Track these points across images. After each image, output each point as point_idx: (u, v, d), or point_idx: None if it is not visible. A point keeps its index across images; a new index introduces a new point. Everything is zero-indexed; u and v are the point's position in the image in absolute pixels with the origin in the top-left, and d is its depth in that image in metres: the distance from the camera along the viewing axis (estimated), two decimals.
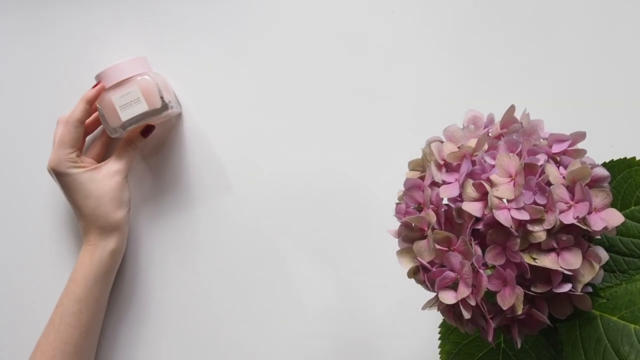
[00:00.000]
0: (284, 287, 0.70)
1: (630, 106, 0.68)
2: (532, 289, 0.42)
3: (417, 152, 0.49)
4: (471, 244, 0.42)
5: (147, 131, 0.68)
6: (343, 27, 0.70)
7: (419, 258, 0.44)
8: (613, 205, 0.43)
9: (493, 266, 0.42)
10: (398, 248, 0.47)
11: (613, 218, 0.41)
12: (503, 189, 0.42)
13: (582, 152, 0.45)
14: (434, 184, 0.45)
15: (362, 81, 0.70)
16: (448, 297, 0.43)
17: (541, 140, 0.45)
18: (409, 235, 0.46)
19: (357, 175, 0.70)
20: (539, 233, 0.41)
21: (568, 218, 0.41)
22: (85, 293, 0.64)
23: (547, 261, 0.41)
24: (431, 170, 0.46)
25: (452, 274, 0.43)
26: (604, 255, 0.43)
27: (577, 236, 0.42)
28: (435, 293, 0.44)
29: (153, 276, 0.71)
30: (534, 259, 0.41)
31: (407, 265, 0.46)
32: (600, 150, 0.48)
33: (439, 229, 0.44)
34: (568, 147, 0.44)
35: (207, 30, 0.71)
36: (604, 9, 0.68)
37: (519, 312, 0.41)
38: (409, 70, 0.70)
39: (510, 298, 0.41)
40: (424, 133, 0.49)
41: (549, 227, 0.41)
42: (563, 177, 0.42)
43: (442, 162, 0.45)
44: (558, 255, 0.41)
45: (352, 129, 0.70)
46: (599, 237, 0.48)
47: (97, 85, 0.65)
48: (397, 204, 0.47)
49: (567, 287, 0.41)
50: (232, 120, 0.71)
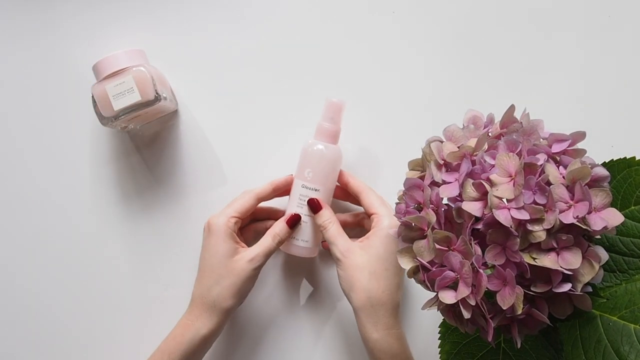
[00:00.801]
0: (281, 284, 0.70)
1: (630, 106, 0.68)
2: (532, 289, 0.42)
3: (417, 152, 0.49)
4: (471, 244, 0.42)
5: (294, 223, 0.64)
6: (343, 27, 0.70)
7: (419, 258, 0.44)
8: (613, 205, 0.43)
9: (493, 266, 0.42)
10: (398, 248, 0.47)
11: (613, 218, 0.41)
12: (503, 189, 0.42)
13: (582, 152, 0.45)
14: (434, 184, 0.45)
15: (362, 81, 0.70)
16: (448, 297, 0.43)
17: (541, 140, 0.45)
18: (409, 235, 0.46)
19: (357, 174, 0.70)
20: (539, 233, 0.41)
21: (568, 218, 0.41)
22: None
23: (547, 261, 0.41)
24: (431, 170, 0.46)
25: (452, 274, 0.43)
26: (604, 255, 0.42)
27: (577, 236, 0.42)
28: (435, 293, 0.44)
29: (146, 268, 0.71)
30: (534, 259, 0.41)
31: (407, 265, 0.46)
32: (600, 150, 0.48)
33: (439, 229, 0.44)
34: (568, 147, 0.44)
35: (207, 29, 0.71)
36: (604, 9, 0.68)
37: (519, 312, 0.41)
38: (409, 70, 0.70)
39: (510, 298, 0.41)
40: (424, 133, 0.49)
41: (549, 227, 0.41)
42: (563, 177, 0.42)
43: (442, 162, 0.45)
44: (558, 254, 0.41)
45: (352, 129, 0.70)
46: (599, 237, 0.48)
47: (288, 177, 0.66)
48: (397, 204, 0.47)
49: (567, 287, 0.41)
50: (228, 115, 0.70)
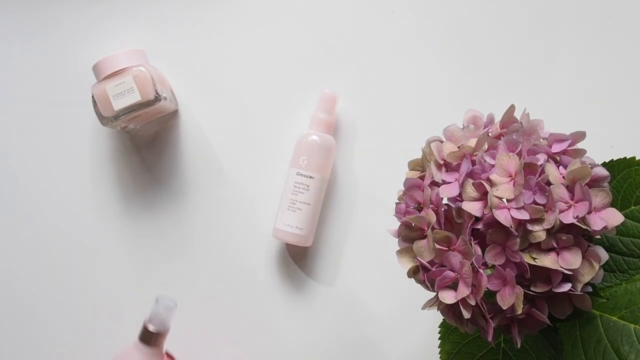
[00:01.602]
0: (281, 284, 0.70)
1: (630, 106, 0.68)
2: (532, 289, 0.42)
3: (417, 152, 0.49)
4: (471, 244, 0.42)
5: None
6: (343, 27, 0.70)
7: (419, 258, 0.44)
8: (613, 204, 0.43)
9: (493, 266, 0.42)
10: (398, 248, 0.47)
11: (613, 218, 0.41)
12: (503, 189, 0.42)
13: (582, 152, 0.45)
14: (434, 184, 0.45)
15: (362, 81, 0.70)
16: (448, 297, 0.43)
17: (541, 140, 0.45)
18: (409, 235, 0.46)
19: (357, 174, 0.70)
20: (539, 233, 0.41)
21: (568, 218, 0.41)
22: None
23: (547, 261, 0.41)
24: (431, 169, 0.45)
25: (452, 274, 0.43)
26: (604, 255, 0.42)
27: (577, 236, 0.42)
28: (435, 293, 0.44)
29: (146, 267, 0.71)
30: (534, 259, 0.41)
31: (407, 265, 0.46)
32: (600, 150, 0.48)
33: (439, 229, 0.44)
34: (568, 147, 0.44)
35: (207, 29, 0.71)
36: (604, 9, 0.68)
37: (519, 312, 0.41)
38: (409, 70, 0.70)
39: (510, 298, 0.41)
40: (424, 133, 0.49)
41: (549, 227, 0.41)
42: (563, 177, 0.42)
43: (442, 162, 0.45)
44: (558, 254, 0.41)
45: (352, 128, 0.70)
46: (599, 237, 0.48)
47: None
48: (397, 204, 0.47)
49: (567, 287, 0.41)
50: (228, 115, 0.71)
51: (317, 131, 0.67)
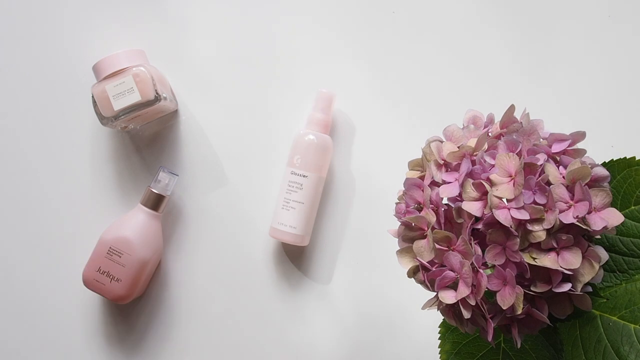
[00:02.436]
0: (277, 284, 0.70)
1: (630, 106, 0.68)
2: (532, 289, 0.42)
3: (417, 152, 0.49)
4: (471, 244, 0.42)
5: None
6: (343, 27, 0.70)
7: (419, 258, 0.44)
8: (613, 204, 0.43)
9: (493, 266, 0.42)
10: (398, 248, 0.47)
11: (613, 217, 0.41)
12: (503, 189, 0.42)
13: (582, 152, 0.45)
14: (434, 184, 0.45)
15: (362, 81, 0.70)
16: (448, 297, 0.43)
17: (541, 140, 0.45)
18: (409, 235, 0.46)
19: (354, 173, 0.70)
20: (539, 232, 0.41)
21: (568, 217, 0.41)
22: None
23: (547, 261, 0.41)
24: (431, 169, 0.45)
25: (452, 274, 0.43)
26: (604, 254, 0.42)
27: (577, 236, 0.42)
28: (435, 293, 0.44)
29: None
30: (534, 259, 0.41)
31: (407, 265, 0.46)
32: (600, 150, 0.48)
33: (439, 229, 0.44)
34: (568, 147, 0.44)
35: (207, 29, 0.71)
36: (604, 9, 0.68)
37: (519, 312, 0.41)
38: (408, 69, 0.70)
39: (510, 298, 0.41)
40: (424, 132, 0.49)
41: (549, 227, 0.41)
42: (563, 177, 0.42)
43: (442, 162, 0.45)
44: (558, 254, 0.41)
45: (352, 128, 0.70)
46: (599, 237, 0.48)
47: None
48: (397, 204, 0.47)
49: (567, 287, 0.41)
50: (228, 115, 0.71)
51: (314, 131, 0.67)
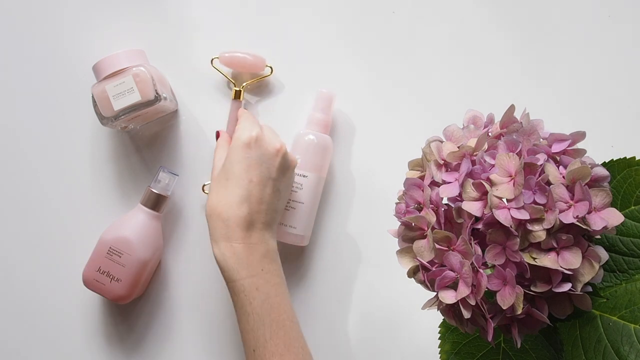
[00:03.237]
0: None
1: (630, 106, 0.68)
2: (532, 289, 0.42)
3: (417, 152, 0.49)
4: (471, 244, 0.42)
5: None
6: (343, 27, 0.70)
7: (419, 258, 0.44)
8: (613, 204, 0.43)
9: (493, 266, 0.42)
10: (398, 248, 0.47)
11: (613, 217, 0.41)
12: (503, 189, 0.42)
13: (582, 152, 0.45)
14: (434, 184, 0.45)
15: (362, 81, 0.70)
16: (448, 297, 0.43)
17: (541, 139, 0.45)
18: (409, 235, 0.46)
19: (354, 173, 0.70)
20: (539, 232, 0.41)
21: (568, 217, 0.41)
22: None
23: (547, 261, 0.41)
24: (431, 169, 0.46)
25: (452, 274, 0.43)
26: (604, 254, 0.42)
27: (577, 235, 0.42)
28: (435, 293, 0.44)
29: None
30: (534, 259, 0.41)
31: (407, 264, 0.46)
32: (600, 150, 0.48)
33: (439, 229, 0.44)
34: (568, 147, 0.44)
35: (207, 29, 0.71)
36: (604, 9, 0.68)
37: (519, 312, 0.41)
38: (408, 69, 0.70)
39: (510, 297, 0.41)
40: (424, 133, 0.49)
41: (549, 227, 0.41)
42: (563, 177, 0.42)
43: (442, 162, 0.45)
44: (558, 254, 0.41)
45: (352, 129, 0.70)
46: (599, 237, 0.48)
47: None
48: (397, 204, 0.47)
49: (567, 287, 0.41)
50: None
51: (314, 131, 0.67)
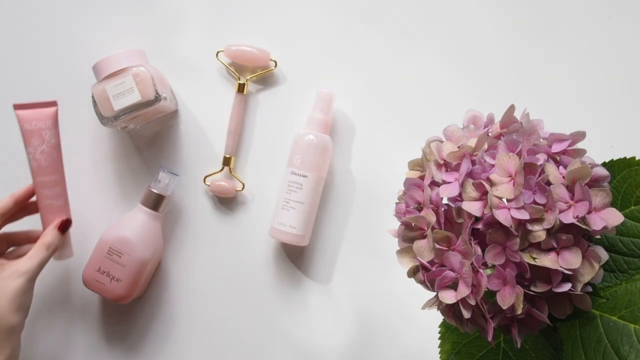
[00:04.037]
0: (278, 283, 0.70)
1: (630, 106, 0.68)
2: (532, 289, 0.42)
3: (417, 152, 0.49)
4: (471, 244, 0.42)
5: (65, 227, 0.63)
6: (343, 28, 0.70)
7: (419, 258, 0.44)
8: (613, 204, 0.43)
9: (493, 266, 0.42)
10: (398, 248, 0.47)
11: (613, 217, 0.41)
12: (503, 189, 0.42)
13: (582, 152, 0.45)
14: (434, 184, 0.45)
15: (362, 81, 0.70)
16: (448, 297, 0.43)
17: (541, 140, 0.45)
18: (409, 235, 0.46)
19: (354, 173, 0.70)
20: (539, 232, 0.41)
21: (568, 217, 0.41)
22: None
23: (547, 261, 0.41)
24: (431, 169, 0.46)
25: (452, 274, 0.43)
26: (604, 254, 0.42)
27: (577, 236, 0.42)
28: (435, 293, 0.44)
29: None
30: (534, 259, 0.41)
31: (407, 264, 0.46)
32: (600, 150, 0.48)
33: (439, 229, 0.44)
34: (568, 147, 0.44)
35: (207, 29, 0.71)
36: (604, 9, 0.68)
37: (519, 312, 0.41)
38: (408, 69, 0.70)
39: (510, 297, 0.41)
40: (424, 133, 0.49)
41: (549, 227, 0.41)
42: (563, 177, 0.42)
43: (442, 162, 0.45)
44: (558, 254, 0.41)
45: (352, 129, 0.70)
46: (599, 237, 0.48)
47: (28, 187, 0.64)
48: (397, 204, 0.47)
49: (567, 287, 0.41)
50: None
51: (314, 131, 0.67)
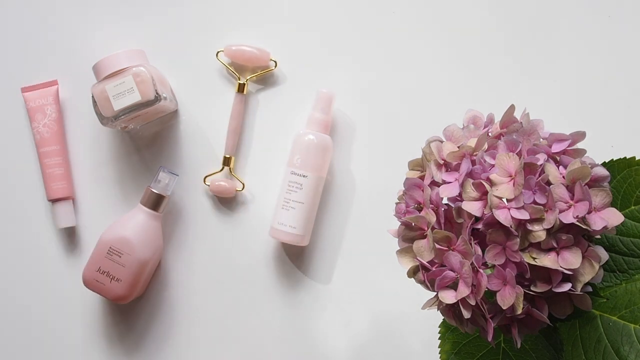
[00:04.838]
0: (277, 283, 0.70)
1: (630, 106, 0.68)
2: (532, 289, 0.42)
3: (417, 152, 0.49)
4: (471, 244, 0.42)
5: None
6: (343, 28, 0.70)
7: (419, 258, 0.44)
8: (613, 204, 0.43)
9: (493, 266, 0.42)
10: (398, 248, 0.47)
11: (613, 217, 0.41)
12: (503, 189, 0.42)
13: (582, 152, 0.45)
14: (434, 184, 0.45)
15: (362, 81, 0.70)
16: (448, 297, 0.43)
17: (541, 139, 0.45)
18: (409, 235, 0.46)
19: (354, 173, 0.70)
20: (539, 232, 0.41)
21: (568, 217, 0.41)
22: None
23: (547, 260, 0.41)
24: (431, 169, 0.46)
25: (452, 274, 0.43)
26: (604, 254, 0.42)
27: (577, 235, 0.42)
28: (435, 293, 0.44)
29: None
30: (534, 259, 0.41)
31: (407, 264, 0.46)
32: (600, 150, 0.48)
33: (439, 229, 0.44)
34: (568, 147, 0.44)
35: (207, 29, 0.71)
36: (604, 9, 0.68)
37: (519, 312, 0.41)
38: (408, 69, 0.70)
39: (510, 297, 0.41)
40: (424, 133, 0.49)
41: (549, 227, 0.41)
42: (563, 177, 0.42)
43: (442, 162, 0.45)
44: (558, 254, 0.41)
45: (352, 128, 0.70)
46: (599, 237, 0.48)
47: None
48: (397, 204, 0.47)
49: (567, 287, 0.41)
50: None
51: (314, 131, 0.67)
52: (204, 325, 0.71)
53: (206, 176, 0.71)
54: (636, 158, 0.48)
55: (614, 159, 0.49)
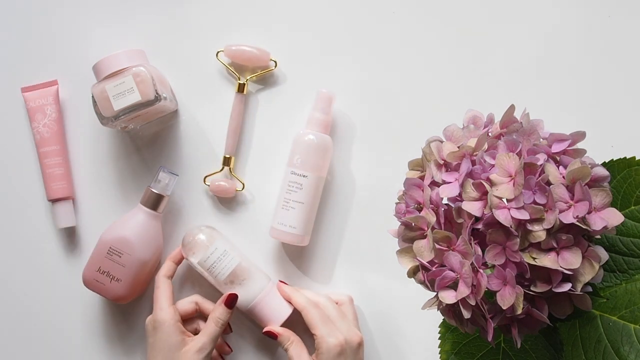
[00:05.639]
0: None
1: (630, 106, 0.68)
2: (532, 289, 0.42)
3: (417, 152, 0.49)
4: (471, 244, 0.42)
5: (231, 303, 0.64)
6: (343, 28, 0.70)
7: (419, 258, 0.44)
8: (613, 204, 0.43)
9: (493, 266, 0.42)
10: (398, 248, 0.47)
11: (613, 217, 0.41)
12: (503, 189, 0.42)
13: (582, 152, 0.45)
14: (434, 184, 0.45)
15: (362, 81, 0.70)
16: (448, 297, 0.43)
17: (541, 139, 0.45)
18: (409, 235, 0.46)
19: (354, 173, 0.70)
20: (539, 232, 0.41)
21: (568, 217, 0.41)
22: None
23: (547, 261, 0.41)
24: (431, 169, 0.46)
25: (452, 274, 0.43)
26: (604, 254, 0.42)
27: (577, 235, 0.42)
28: (435, 293, 0.44)
29: None
30: (534, 259, 0.41)
31: (407, 264, 0.46)
32: (600, 150, 0.48)
33: (439, 229, 0.44)
34: (568, 147, 0.44)
35: (207, 29, 0.71)
36: (604, 9, 0.68)
37: (519, 312, 0.41)
38: (408, 69, 0.70)
39: (510, 297, 0.41)
40: (424, 133, 0.49)
41: (549, 227, 0.41)
42: (563, 177, 0.42)
43: (442, 162, 0.45)
44: (558, 254, 0.41)
45: (352, 129, 0.70)
46: (599, 237, 0.48)
47: (177, 249, 0.68)
48: (397, 204, 0.47)
49: (567, 287, 0.41)
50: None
51: (314, 131, 0.67)
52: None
53: (206, 176, 0.71)
54: (636, 158, 0.48)
55: (614, 159, 0.49)
